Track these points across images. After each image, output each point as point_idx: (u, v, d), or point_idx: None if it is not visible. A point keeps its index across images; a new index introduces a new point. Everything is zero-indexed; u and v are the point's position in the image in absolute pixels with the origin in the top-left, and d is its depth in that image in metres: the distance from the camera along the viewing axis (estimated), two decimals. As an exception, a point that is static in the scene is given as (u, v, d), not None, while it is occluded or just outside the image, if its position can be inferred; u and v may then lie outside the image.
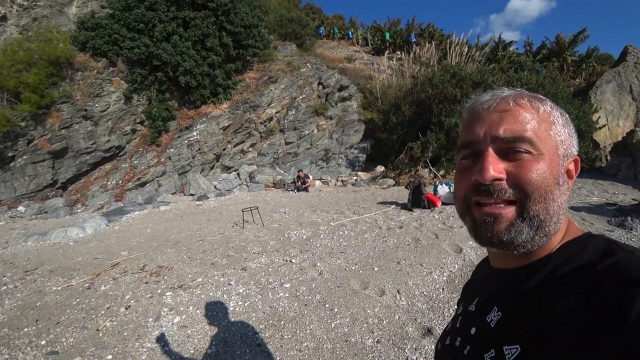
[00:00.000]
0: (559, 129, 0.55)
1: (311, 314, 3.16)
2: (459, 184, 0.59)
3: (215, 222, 7.11)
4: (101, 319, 3.22)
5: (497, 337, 0.54)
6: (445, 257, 4.43)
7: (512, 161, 0.52)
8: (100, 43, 10.82)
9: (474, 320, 0.64)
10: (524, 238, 0.52)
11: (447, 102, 11.70)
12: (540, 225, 0.52)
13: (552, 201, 0.52)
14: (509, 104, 0.54)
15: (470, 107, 0.60)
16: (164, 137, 12.06)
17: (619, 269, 0.45)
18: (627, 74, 12.82)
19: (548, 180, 0.51)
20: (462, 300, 0.79)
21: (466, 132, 0.58)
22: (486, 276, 0.68)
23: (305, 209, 7.97)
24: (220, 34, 12.39)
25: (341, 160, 14.09)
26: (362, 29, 25.14)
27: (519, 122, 0.53)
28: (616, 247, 0.49)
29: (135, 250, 5.35)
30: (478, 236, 0.56)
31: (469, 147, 0.57)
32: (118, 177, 10.70)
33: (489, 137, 0.54)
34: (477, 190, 0.54)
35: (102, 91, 10.91)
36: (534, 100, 0.56)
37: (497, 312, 0.58)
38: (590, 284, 0.46)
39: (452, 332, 0.71)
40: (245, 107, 13.22)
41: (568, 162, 0.56)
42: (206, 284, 3.92)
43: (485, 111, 0.56)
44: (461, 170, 0.59)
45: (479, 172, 0.53)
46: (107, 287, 3.96)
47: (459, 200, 0.59)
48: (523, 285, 0.54)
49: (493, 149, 0.53)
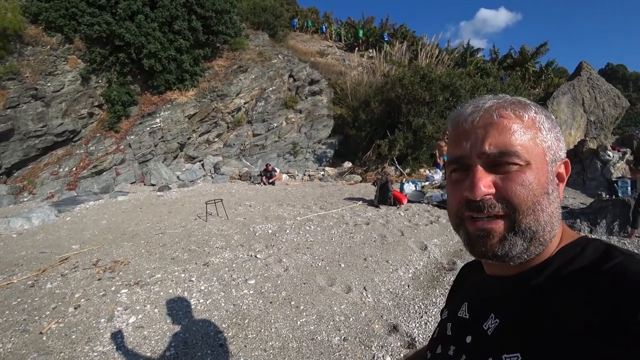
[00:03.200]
0: (545, 135, 0.54)
1: (276, 312, 3.08)
2: (452, 198, 0.58)
3: (177, 214, 6.81)
4: (46, 320, 2.94)
5: (495, 345, 0.53)
6: (410, 254, 4.50)
7: (500, 173, 0.52)
8: (55, 16, 9.95)
9: (468, 328, 0.62)
10: (518, 250, 0.52)
11: (415, 103, 11.95)
12: (533, 236, 0.51)
13: (541, 212, 0.51)
14: (492, 117, 0.53)
15: (454, 120, 0.59)
16: (124, 123, 11.38)
17: (622, 271, 0.45)
18: (580, 88, 13.73)
19: (535, 191, 0.51)
20: (448, 307, 0.77)
21: (453, 147, 0.58)
22: (480, 282, 0.66)
23: (272, 202, 7.84)
24: (189, 17, 11.84)
25: (309, 154, 14.03)
26: (336, 24, 25.12)
27: (503, 135, 0.52)
28: (616, 251, 0.49)
29: (88, 244, 5.00)
30: (473, 250, 0.56)
31: (458, 162, 0.57)
32: (72, 164, 9.97)
33: (475, 152, 0.53)
34: (468, 206, 0.54)
35: (56, 69, 10.08)
36: (517, 109, 0.55)
37: (494, 320, 0.57)
38: (593, 287, 0.45)
39: (443, 340, 0.68)
40: (212, 95, 12.77)
41: (557, 166, 0.56)
42: (165, 281, 3.71)
43: (469, 125, 0.55)
44: (452, 184, 0.58)
45: (469, 189, 0.52)
46: (54, 284, 3.65)
47: (452, 214, 0.59)
48: (521, 291, 0.54)
49: (481, 164, 0.53)
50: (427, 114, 11.80)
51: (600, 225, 5.48)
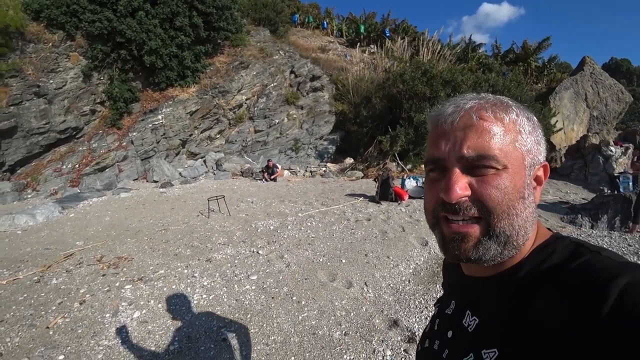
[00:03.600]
0: (525, 138, 0.54)
1: (278, 307, 3.12)
2: (428, 197, 0.59)
3: (180, 210, 6.86)
4: (52, 315, 2.99)
5: (475, 341, 0.56)
6: (411, 250, 4.53)
7: (477, 176, 0.52)
8: (56, 13, 9.95)
9: (450, 323, 0.65)
10: (492, 254, 0.52)
11: (417, 99, 11.91)
12: (507, 240, 0.52)
13: (515, 216, 0.51)
14: (472, 119, 0.53)
15: (434, 120, 0.58)
16: (126, 120, 11.41)
17: (587, 270, 0.46)
18: (583, 83, 13.62)
19: (510, 195, 0.51)
20: (440, 301, 0.79)
21: (432, 147, 0.57)
22: (459, 282, 0.68)
23: (273, 199, 7.87)
24: (190, 13, 11.80)
25: (310, 150, 14.03)
26: (337, 19, 24.97)
27: (482, 138, 0.51)
28: (583, 249, 0.50)
29: (91, 240, 5.04)
30: (447, 252, 0.56)
31: (436, 163, 0.56)
32: (74, 161, 10.02)
33: (454, 155, 0.53)
34: (444, 207, 0.54)
35: (58, 67, 10.10)
36: (498, 111, 0.54)
37: (472, 317, 0.59)
38: (560, 286, 0.47)
39: (430, 335, 0.72)
40: (214, 92, 12.77)
41: (536, 169, 0.56)
42: (169, 276, 3.76)
43: (449, 126, 0.54)
44: (430, 183, 0.58)
45: (444, 191, 0.52)
46: (59, 280, 3.69)
47: (428, 212, 0.59)
48: (498, 292, 0.56)
49: (458, 167, 0.52)
50: (429, 109, 11.74)
51: (602, 221, 5.49)
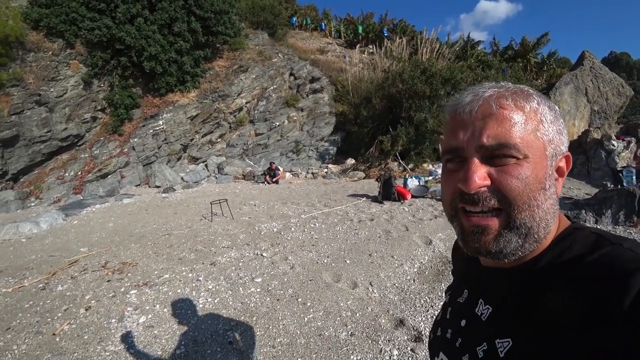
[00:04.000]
0: (547, 128, 0.52)
1: (284, 309, 3.11)
2: (446, 189, 0.58)
3: (183, 215, 6.87)
4: (58, 322, 3.00)
5: (489, 330, 0.55)
6: (415, 249, 4.52)
7: (496, 166, 0.51)
8: (55, 22, 9.98)
9: (463, 312, 0.65)
10: (512, 247, 0.51)
11: (416, 98, 11.90)
12: (528, 232, 0.51)
13: (536, 208, 0.50)
14: (491, 107, 0.51)
15: (451, 109, 0.57)
16: (127, 126, 11.44)
17: (607, 262, 0.45)
18: (583, 78, 13.59)
19: (531, 185, 0.49)
20: (451, 289, 0.78)
21: (450, 137, 0.56)
22: (476, 272, 0.67)
23: (276, 201, 7.87)
24: (188, 18, 11.83)
25: (312, 152, 14.04)
26: (335, 21, 24.99)
27: (502, 126, 0.50)
28: (604, 241, 0.49)
29: (96, 246, 5.05)
30: (466, 246, 0.56)
31: (454, 152, 0.55)
32: (77, 168, 10.04)
33: (473, 145, 0.51)
34: (462, 198, 0.53)
35: (58, 75, 10.13)
36: (519, 99, 0.52)
37: (485, 306, 0.59)
38: (580, 278, 0.46)
39: (442, 323, 0.71)
40: (214, 96, 12.79)
41: (558, 160, 0.54)
42: (173, 281, 3.76)
43: (467, 115, 0.53)
44: (447, 174, 0.58)
45: (463, 181, 0.51)
46: (65, 287, 3.70)
47: (446, 205, 0.58)
48: (514, 283, 0.55)
49: (477, 157, 0.51)
50: (429, 108, 11.76)
51: (606, 216, 5.46)
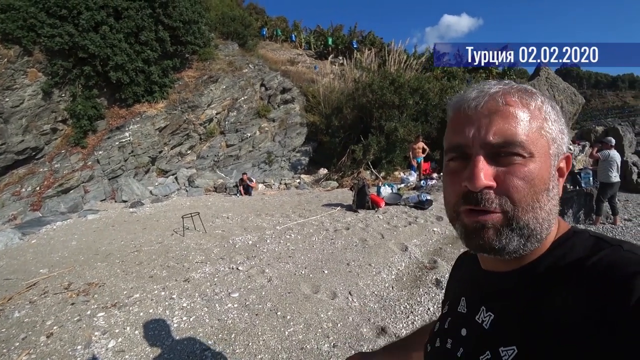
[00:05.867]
0: (551, 126, 0.52)
1: (263, 324, 3.03)
2: (449, 189, 0.56)
3: (152, 230, 6.59)
4: (15, 352, 2.76)
5: (492, 338, 0.53)
6: (392, 256, 4.55)
7: (502, 165, 0.50)
8: (12, 28, 9.44)
9: (464, 321, 0.63)
10: (515, 245, 0.50)
11: (386, 107, 12.17)
12: (530, 233, 0.50)
13: (540, 209, 0.50)
14: (497, 103, 0.51)
15: (456, 105, 0.56)
16: (91, 138, 10.92)
17: (609, 264, 0.45)
18: (540, 87, 14.41)
19: (536, 187, 0.49)
20: (448, 300, 0.77)
21: (453, 133, 0.55)
22: (475, 277, 0.66)
23: (250, 213, 7.74)
24: (156, 27, 11.57)
25: (284, 163, 13.97)
26: (305, 32, 25.27)
27: (509, 123, 0.49)
28: (603, 243, 0.49)
29: (57, 267, 4.74)
30: (469, 243, 0.54)
31: (458, 150, 0.54)
32: (35, 183, 9.44)
33: (478, 141, 0.50)
34: (466, 199, 0.51)
35: (14, 84, 9.54)
36: (524, 96, 0.52)
37: (487, 313, 0.57)
38: (582, 282, 0.46)
39: (441, 334, 0.69)
40: (183, 107, 12.51)
41: (559, 160, 0.54)
42: (145, 300, 3.58)
43: (473, 111, 0.52)
44: (450, 173, 0.56)
45: (468, 179, 0.50)
46: (23, 312, 3.43)
47: (449, 206, 0.57)
48: (516, 287, 0.54)
49: (483, 154, 0.50)
50: (399, 117, 12.05)
51: (568, 215, 5.77)
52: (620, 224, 5.52)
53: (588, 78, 42.85)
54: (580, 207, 5.82)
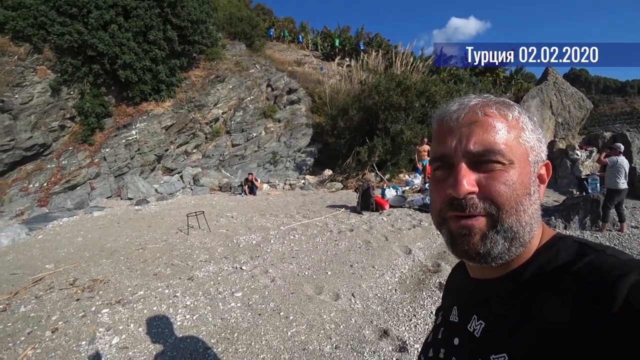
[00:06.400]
0: (528, 135, 0.55)
1: (266, 324, 3.03)
2: (435, 196, 0.58)
3: (157, 228, 6.63)
4: (21, 347, 2.78)
5: (483, 346, 0.54)
6: (395, 259, 4.55)
7: (483, 172, 0.52)
8: (23, 25, 9.54)
9: (456, 330, 0.64)
10: (499, 249, 0.52)
11: (392, 110, 12.15)
12: (514, 236, 0.52)
13: (522, 212, 0.52)
14: (477, 115, 0.54)
15: (439, 118, 0.59)
16: (98, 136, 11.01)
17: (593, 269, 0.46)
18: (547, 92, 14.35)
19: (518, 190, 0.51)
20: (441, 310, 0.78)
21: (437, 144, 0.58)
22: (465, 286, 0.68)
23: (254, 213, 7.76)
24: (164, 27, 11.64)
25: (289, 163, 13.99)
26: (312, 33, 25.29)
27: (488, 133, 0.52)
28: (587, 249, 0.50)
29: (63, 263, 4.78)
30: (455, 249, 0.56)
31: (442, 160, 0.56)
32: (42, 179, 9.54)
33: (460, 151, 0.53)
34: (451, 205, 0.54)
35: (24, 81, 9.64)
36: (502, 108, 0.55)
37: (478, 321, 0.58)
38: (567, 287, 0.47)
39: (434, 344, 0.70)
40: (190, 106, 12.58)
41: (539, 167, 0.56)
42: (148, 298, 3.60)
43: (455, 122, 0.55)
44: (436, 182, 0.58)
45: (452, 186, 0.52)
46: (28, 307, 3.46)
47: (435, 212, 0.59)
48: (504, 294, 0.55)
49: (465, 162, 0.53)
50: (405, 119, 12.03)
51: (574, 221, 5.72)
52: (627, 231, 5.46)
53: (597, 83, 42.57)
54: (586, 213, 5.76)
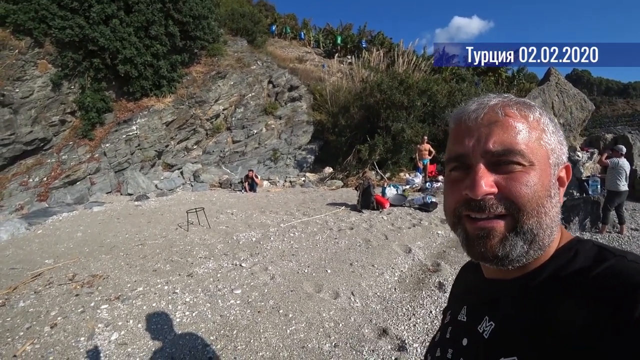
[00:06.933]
0: (549, 137, 0.54)
1: (265, 321, 3.03)
2: (449, 197, 0.57)
3: (157, 224, 6.63)
4: (19, 342, 2.78)
5: (492, 348, 0.53)
6: (395, 258, 4.54)
7: (503, 173, 0.50)
8: (24, 19, 9.49)
9: (465, 330, 0.63)
10: (518, 252, 0.50)
11: (394, 108, 12.12)
12: (534, 239, 0.50)
13: (544, 215, 0.50)
14: (497, 114, 0.52)
15: (456, 117, 0.57)
16: (99, 131, 10.99)
17: (613, 274, 0.45)
18: (550, 92, 14.32)
19: (539, 192, 0.50)
20: (450, 309, 0.76)
21: (455, 144, 0.56)
22: (477, 286, 0.66)
23: (254, 210, 7.75)
24: (166, 22, 11.59)
25: (289, 160, 13.98)
26: (314, 30, 25.23)
27: (508, 133, 0.51)
28: (607, 253, 0.49)
29: (62, 258, 4.78)
30: (471, 251, 0.54)
31: (459, 160, 0.55)
32: (42, 174, 9.52)
33: (479, 151, 0.51)
34: (468, 205, 0.52)
35: (25, 75, 9.61)
36: (523, 108, 0.54)
37: (489, 322, 0.57)
38: (585, 291, 0.45)
39: (442, 343, 0.68)
40: (190, 102, 12.55)
41: (559, 169, 0.55)
42: (148, 294, 3.60)
43: (473, 122, 0.53)
44: (451, 183, 0.57)
45: (470, 187, 0.51)
46: (27, 302, 3.46)
47: (449, 212, 0.57)
48: (518, 296, 0.54)
49: (483, 163, 0.51)
50: (406, 118, 12.00)
51: (574, 223, 5.72)
52: (627, 233, 5.46)
53: (599, 84, 42.56)
54: (586, 214, 5.76)
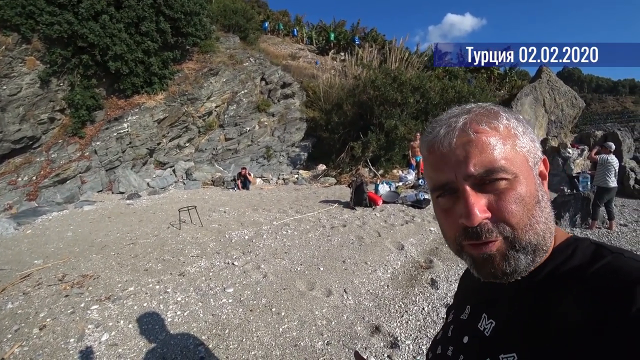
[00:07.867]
0: (522, 140, 0.53)
1: (257, 320, 3.02)
2: (446, 227, 0.56)
3: (149, 223, 6.57)
4: (7, 344, 2.74)
5: (492, 345, 0.54)
6: (388, 255, 4.56)
7: (491, 192, 0.51)
8: (10, 14, 9.30)
9: (466, 328, 0.64)
10: (524, 264, 0.51)
11: (387, 105, 12.13)
12: (535, 248, 0.51)
13: (537, 224, 0.51)
14: (468, 135, 0.51)
15: (428, 144, 0.56)
16: (89, 129, 10.84)
17: (611, 271, 0.46)
18: (541, 90, 14.47)
19: (528, 205, 0.50)
20: (453, 308, 0.77)
21: (435, 172, 0.55)
22: (478, 285, 0.66)
23: (247, 208, 7.72)
24: (157, 18, 11.44)
25: (282, 158, 13.95)
26: (307, 27, 25.13)
27: (485, 152, 0.50)
28: (605, 250, 0.50)
29: (52, 258, 4.72)
30: (481, 273, 0.54)
31: (444, 188, 0.54)
32: (31, 173, 9.38)
33: (461, 175, 0.51)
34: (466, 234, 0.52)
35: (12, 71, 9.44)
36: (491, 120, 0.53)
37: (488, 320, 0.58)
38: (583, 288, 0.46)
39: (443, 341, 0.70)
40: (182, 99, 12.43)
41: (539, 166, 0.55)
42: (139, 294, 3.56)
43: (447, 147, 0.53)
44: (442, 211, 0.56)
45: (465, 216, 0.50)
46: (16, 304, 3.41)
47: (450, 242, 0.57)
48: (516, 294, 0.55)
49: (469, 185, 0.51)
50: (399, 115, 12.02)
51: (564, 219, 5.78)
52: (616, 229, 5.53)
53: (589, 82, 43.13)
54: (576, 210, 5.83)
